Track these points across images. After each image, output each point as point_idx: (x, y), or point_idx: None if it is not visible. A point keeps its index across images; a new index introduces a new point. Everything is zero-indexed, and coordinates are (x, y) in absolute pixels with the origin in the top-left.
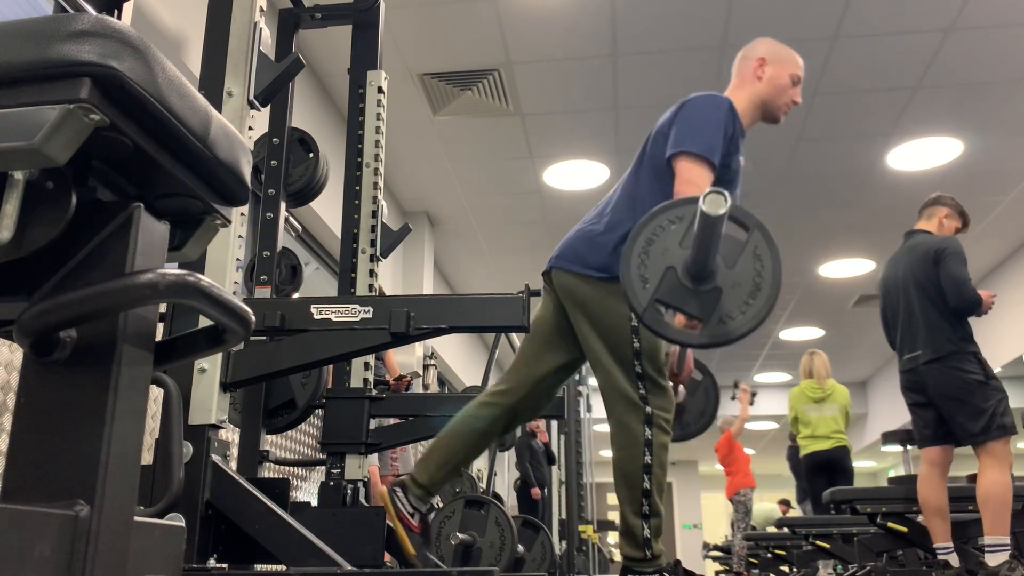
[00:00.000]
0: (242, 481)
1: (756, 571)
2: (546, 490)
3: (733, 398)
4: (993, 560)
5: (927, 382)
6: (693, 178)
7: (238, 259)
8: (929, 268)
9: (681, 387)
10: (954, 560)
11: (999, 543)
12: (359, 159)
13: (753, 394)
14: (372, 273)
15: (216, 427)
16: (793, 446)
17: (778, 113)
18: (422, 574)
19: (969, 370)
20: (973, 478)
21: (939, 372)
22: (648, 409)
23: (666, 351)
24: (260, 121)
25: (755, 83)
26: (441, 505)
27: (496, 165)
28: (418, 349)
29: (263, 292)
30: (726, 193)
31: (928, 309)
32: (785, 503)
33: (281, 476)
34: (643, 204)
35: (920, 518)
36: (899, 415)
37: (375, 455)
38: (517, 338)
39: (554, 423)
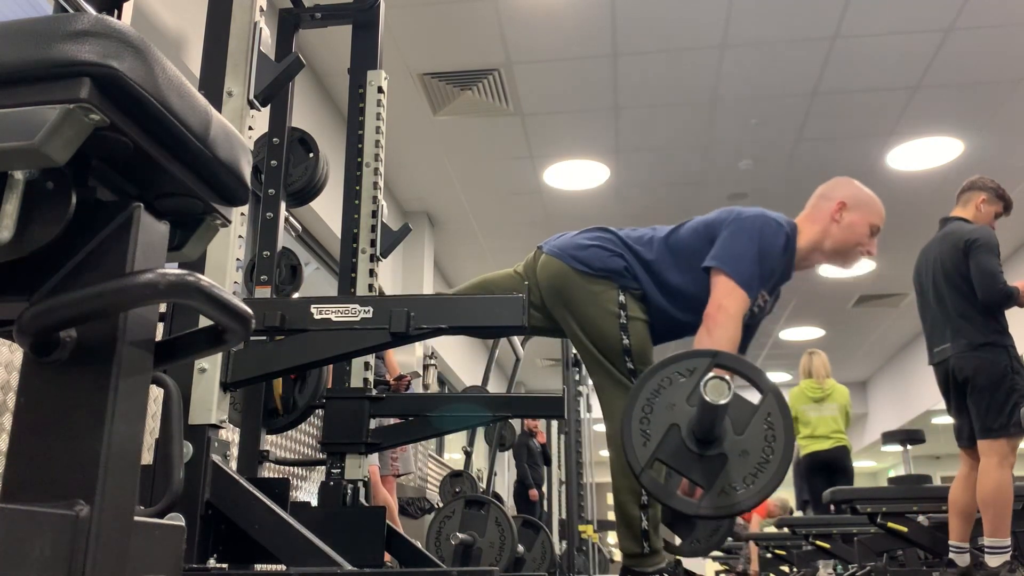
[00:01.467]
0: (242, 481)
1: (756, 574)
2: (544, 490)
3: None
4: (993, 561)
5: (959, 372)
6: (729, 307)
7: (238, 259)
8: (959, 259)
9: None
10: (962, 560)
11: (1000, 545)
12: (359, 159)
13: None
14: (372, 273)
15: (216, 427)
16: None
17: (849, 262)
18: (422, 574)
19: (1003, 363)
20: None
21: (974, 360)
22: None
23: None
24: (260, 121)
25: (830, 225)
26: (441, 505)
27: (496, 165)
28: (418, 349)
29: (263, 292)
30: (728, 380)
31: (959, 301)
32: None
33: (281, 476)
34: (663, 273)
35: (921, 518)
36: (899, 415)
37: (375, 455)
38: (517, 338)
39: (554, 423)
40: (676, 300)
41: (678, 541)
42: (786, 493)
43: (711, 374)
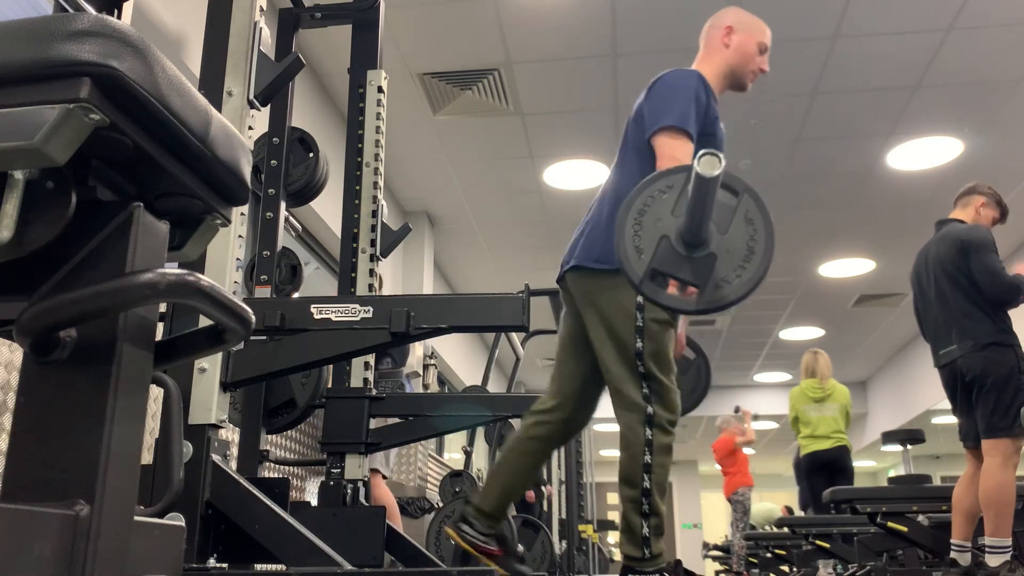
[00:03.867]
0: (242, 481)
1: (756, 571)
2: (543, 489)
3: (737, 410)
4: (993, 561)
5: (966, 372)
6: (673, 152)
7: (238, 259)
8: (958, 259)
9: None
10: (964, 559)
11: (1001, 545)
12: (359, 159)
13: (755, 417)
14: (372, 273)
15: (216, 427)
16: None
17: (745, 80)
18: (422, 574)
19: (1010, 363)
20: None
21: (982, 360)
22: (650, 410)
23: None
24: (260, 121)
25: (723, 51)
26: (441, 505)
27: (496, 165)
28: (418, 349)
29: (263, 292)
30: (720, 154)
31: (962, 301)
32: (787, 509)
33: (281, 476)
34: (621, 188)
35: (921, 518)
36: (899, 415)
37: (380, 455)
38: (517, 338)
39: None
40: None
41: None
42: (786, 493)
43: (702, 152)
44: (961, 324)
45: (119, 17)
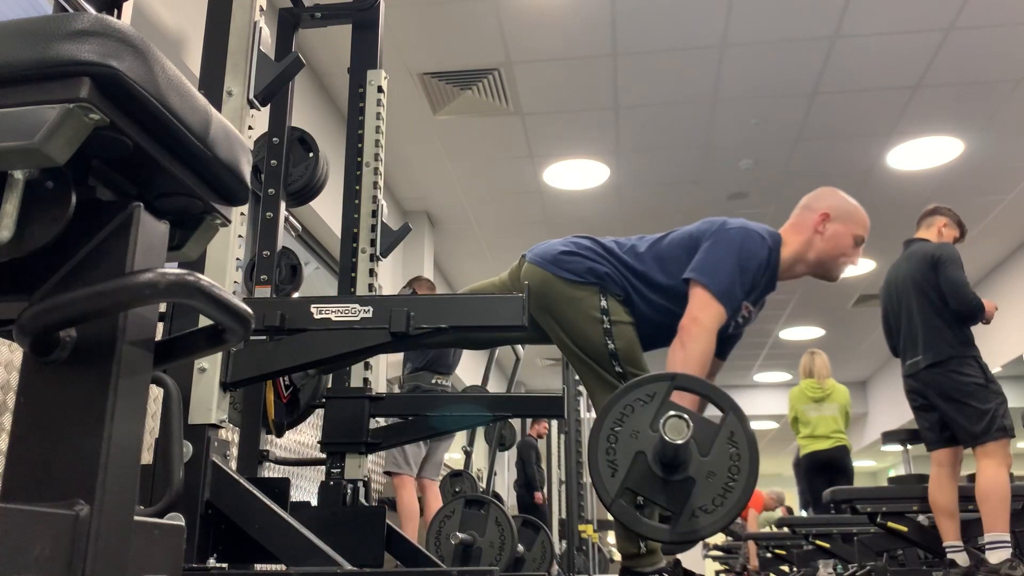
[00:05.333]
0: (242, 481)
1: (756, 571)
2: (544, 490)
3: None
4: (994, 557)
5: (928, 386)
6: (704, 319)
7: (238, 259)
8: (928, 274)
9: None
10: (962, 559)
11: (999, 540)
12: (359, 158)
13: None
14: (372, 273)
15: (216, 427)
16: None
17: (834, 273)
18: (422, 574)
19: (969, 374)
20: (972, 477)
21: (940, 376)
22: None
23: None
24: (260, 120)
25: (813, 236)
26: (441, 504)
27: (496, 165)
28: None
29: (263, 292)
30: (688, 420)
31: (929, 314)
32: (787, 509)
33: (281, 476)
34: (649, 280)
35: (921, 518)
36: (899, 415)
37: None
38: None
39: (554, 423)
40: (662, 307)
41: None
42: (790, 495)
43: (670, 413)
44: (926, 336)
45: (119, 17)
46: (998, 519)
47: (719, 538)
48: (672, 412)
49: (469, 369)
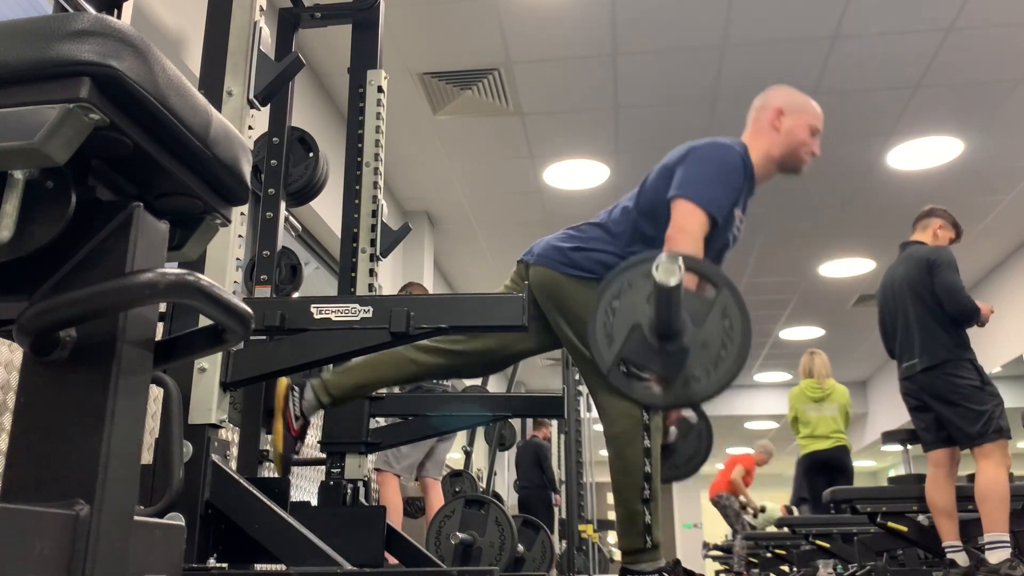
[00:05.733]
0: (242, 481)
1: (756, 571)
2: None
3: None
4: (994, 557)
5: (925, 389)
6: (687, 225)
7: (238, 258)
8: (924, 277)
9: (672, 428)
10: (962, 559)
11: (999, 540)
12: (359, 158)
13: (761, 509)
14: (372, 273)
15: (216, 427)
16: None
17: (799, 165)
18: (422, 574)
19: (965, 376)
20: (972, 477)
21: (936, 378)
22: None
23: None
24: (260, 120)
25: (772, 134)
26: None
27: (496, 165)
28: None
29: (263, 291)
30: (680, 262)
31: (924, 317)
32: (787, 509)
33: (281, 476)
34: (628, 214)
35: (921, 518)
36: (899, 415)
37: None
38: None
39: (554, 422)
40: None
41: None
42: (786, 493)
43: (663, 255)
44: (922, 339)
45: (119, 17)
46: (997, 519)
47: (719, 538)
48: (665, 256)
49: None
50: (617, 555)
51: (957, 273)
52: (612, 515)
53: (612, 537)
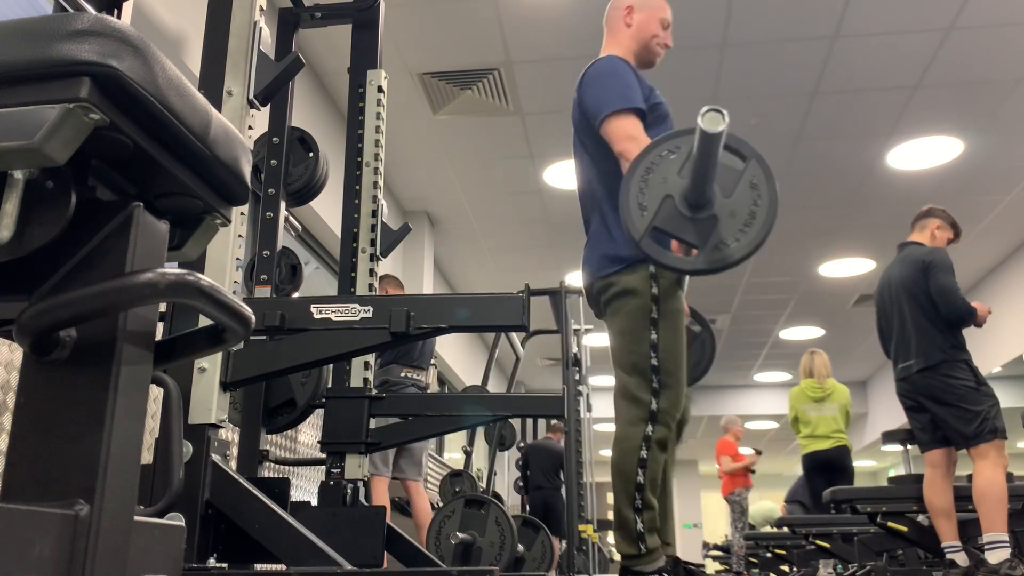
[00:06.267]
0: (242, 480)
1: (756, 570)
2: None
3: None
4: (994, 557)
5: (920, 390)
6: (627, 131)
7: (238, 258)
8: (919, 278)
9: None
10: (961, 559)
11: (998, 540)
12: (359, 158)
13: (759, 452)
14: (372, 272)
15: (216, 426)
16: None
17: (652, 57)
18: (422, 574)
19: (960, 377)
20: (971, 477)
21: (931, 379)
22: (655, 405)
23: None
24: (260, 120)
25: (625, 31)
26: (441, 504)
27: (496, 164)
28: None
29: (263, 291)
30: (723, 111)
31: (920, 319)
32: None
33: (281, 476)
34: (597, 189)
35: (921, 518)
36: (899, 415)
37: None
38: (517, 338)
39: (554, 423)
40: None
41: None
42: (778, 494)
43: (706, 108)
44: (917, 340)
45: (119, 17)
46: (996, 519)
47: (719, 538)
48: (708, 108)
49: (469, 369)
50: (617, 555)
51: (952, 275)
52: (612, 515)
53: (612, 537)
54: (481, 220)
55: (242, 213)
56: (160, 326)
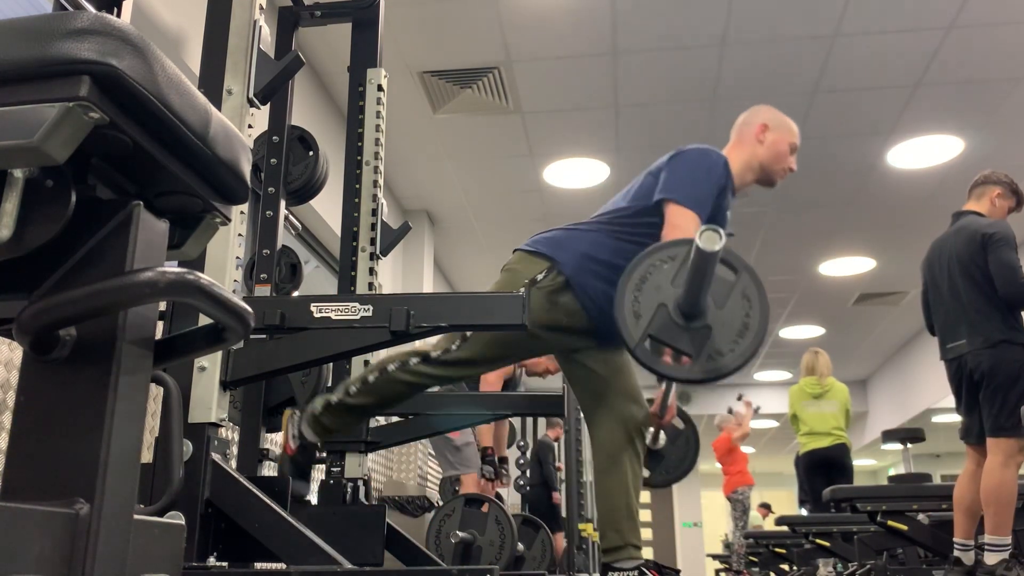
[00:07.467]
0: (242, 479)
1: (756, 569)
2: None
3: (730, 411)
4: (991, 559)
5: (975, 368)
6: (679, 223)
7: (238, 257)
8: (976, 253)
9: (662, 433)
10: (968, 558)
11: (1000, 543)
12: (359, 157)
13: (756, 409)
14: (372, 271)
15: (216, 425)
16: None
17: (775, 178)
18: (424, 573)
19: (1019, 361)
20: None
21: (991, 358)
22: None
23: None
24: (260, 119)
25: (756, 147)
26: (441, 503)
27: (496, 163)
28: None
29: (263, 290)
30: (720, 231)
31: (975, 296)
32: (765, 507)
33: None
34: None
35: (921, 516)
36: (899, 414)
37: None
38: None
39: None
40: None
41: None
42: (787, 492)
43: (704, 227)
44: (971, 319)
45: (119, 15)
46: (1002, 522)
47: (719, 535)
48: (706, 227)
49: None
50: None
51: (1015, 251)
52: None
53: None
54: (481, 219)
55: (242, 212)
56: (160, 325)
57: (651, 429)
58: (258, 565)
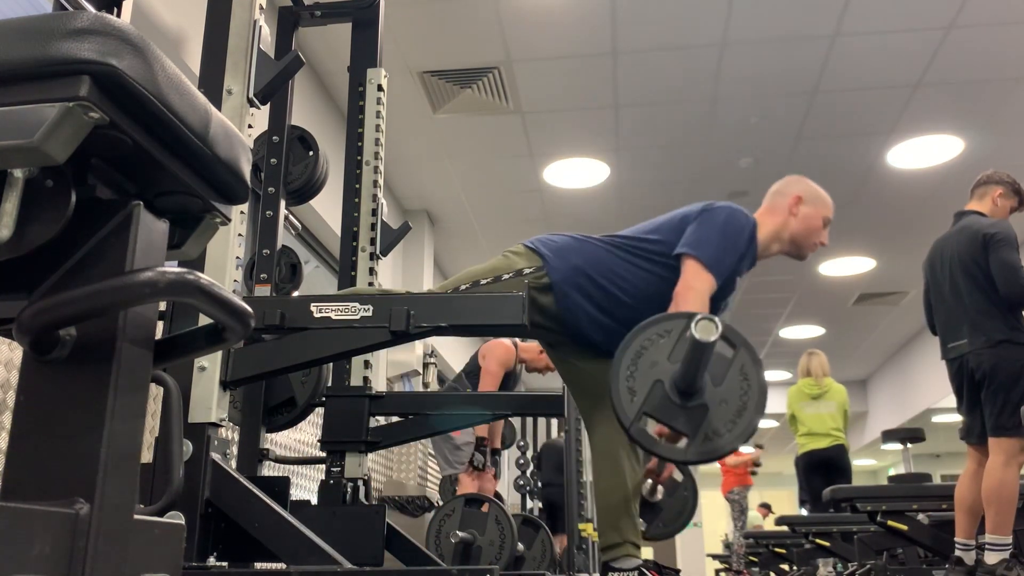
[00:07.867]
0: (242, 479)
1: (756, 569)
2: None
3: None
4: (991, 558)
5: (976, 368)
6: (695, 285)
7: (238, 257)
8: (978, 253)
9: (660, 487)
10: (969, 558)
11: (1001, 543)
12: (359, 157)
13: (759, 447)
14: (372, 271)
15: (216, 425)
16: None
17: (806, 251)
18: (423, 573)
19: (1021, 361)
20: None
21: (993, 357)
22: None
23: None
24: (260, 119)
25: (788, 218)
26: (441, 503)
27: (496, 163)
28: (418, 347)
29: (263, 290)
30: (717, 321)
31: (977, 296)
32: (765, 507)
33: (281, 475)
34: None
35: (921, 516)
36: (899, 414)
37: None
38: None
39: (554, 421)
40: (652, 273)
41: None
42: (787, 492)
43: (700, 315)
44: (973, 319)
45: (119, 15)
46: (1003, 521)
47: (719, 535)
48: (702, 316)
49: None
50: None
51: (1017, 251)
52: None
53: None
54: (481, 219)
55: (242, 212)
56: (160, 325)
57: (649, 482)
58: (258, 565)
